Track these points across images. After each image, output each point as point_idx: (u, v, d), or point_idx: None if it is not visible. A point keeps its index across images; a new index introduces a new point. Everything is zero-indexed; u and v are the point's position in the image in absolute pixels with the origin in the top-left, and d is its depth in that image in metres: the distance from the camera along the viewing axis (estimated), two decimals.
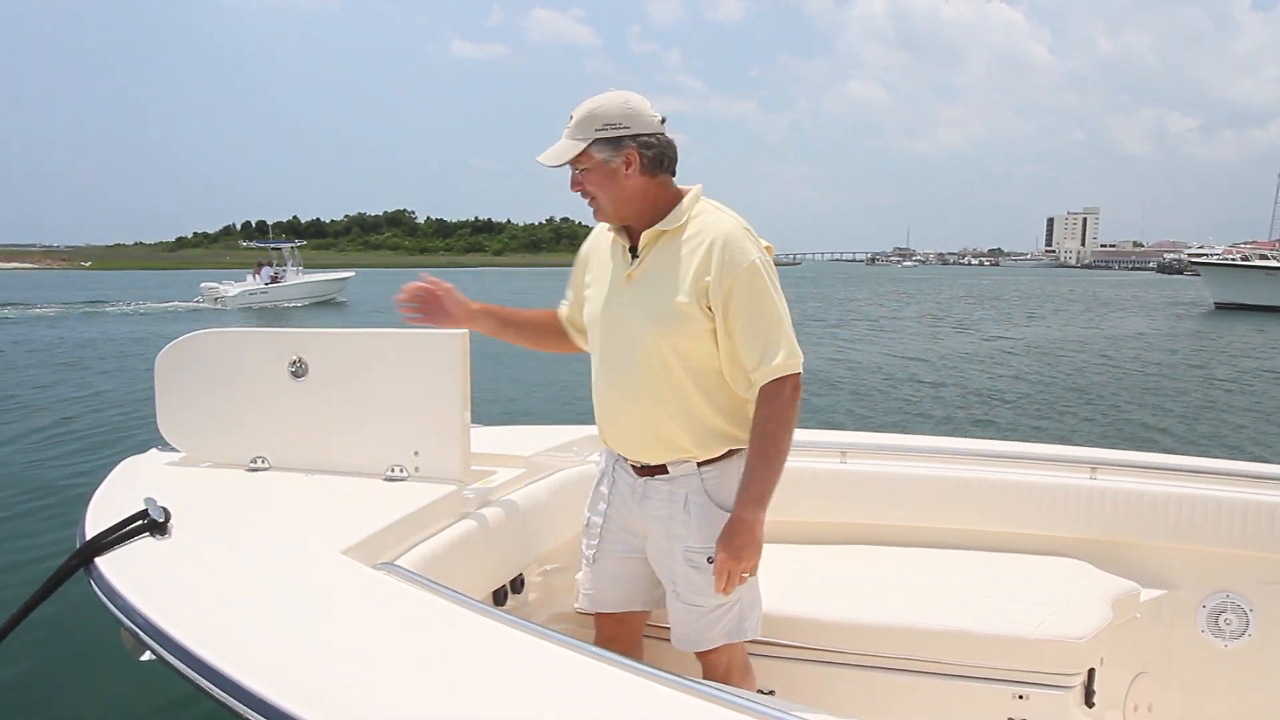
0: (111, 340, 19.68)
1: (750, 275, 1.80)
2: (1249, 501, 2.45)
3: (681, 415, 1.89)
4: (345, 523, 1.82)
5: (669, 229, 1.86)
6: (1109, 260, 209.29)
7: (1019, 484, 2.63)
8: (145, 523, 1.81)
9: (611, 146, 1.82)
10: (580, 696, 1.24)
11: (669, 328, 1.83)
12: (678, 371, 1.86)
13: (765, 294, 1.81)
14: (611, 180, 1.84)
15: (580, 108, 1.84)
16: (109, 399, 11.16)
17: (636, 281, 1.89)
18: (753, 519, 1.84)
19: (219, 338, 2.38)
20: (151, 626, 1.46)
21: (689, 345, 1.84)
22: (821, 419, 10.13)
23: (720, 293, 1.80)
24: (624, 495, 2.03)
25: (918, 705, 2.14)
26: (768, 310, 1.81)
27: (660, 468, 1.95)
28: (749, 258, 1.80)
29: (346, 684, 1.26)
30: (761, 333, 1.81)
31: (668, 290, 1.84)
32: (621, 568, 2.08)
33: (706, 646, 1.98)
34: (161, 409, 2.37)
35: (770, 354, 1.80)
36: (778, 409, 1.82)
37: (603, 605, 2.11)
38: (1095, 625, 2.12)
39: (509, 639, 1.38)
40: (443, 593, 1.54)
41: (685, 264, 1.83)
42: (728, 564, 1.85)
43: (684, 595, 1.96)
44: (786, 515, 2.78)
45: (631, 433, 1.96)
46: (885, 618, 2.18)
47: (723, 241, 1.81)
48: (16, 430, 9.02)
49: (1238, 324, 27.55)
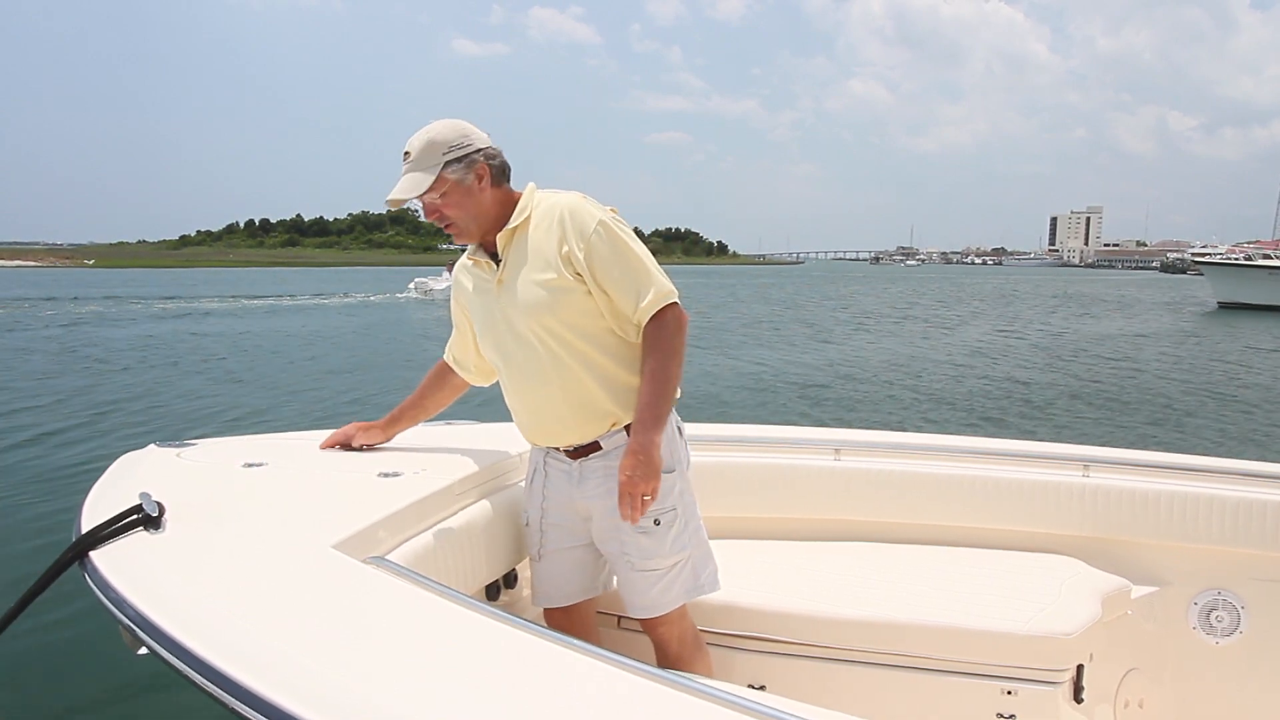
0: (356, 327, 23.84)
1: (602, 232, 1.92)
2: (1241, 499, 2.46)
3: (595, 383, 1.98)
4: (337, 517, 1.83)
5: (517, 224, 1.99)
6: (1112, 260, 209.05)
7: (1012, 481, 2.64)
8: (139, 517, 1.82)
9: (464, 166, 1.94)
10: (571, 692, 1.25)
11: (551, 306, 1.94)
12: (575, 343, 1.96)
13: (622, 244, 1.94)
14: (468, 197, 1.96)
15: (415, 141, 1.93)
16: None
17: (506, 282, 2.00)
18: (648, 442, 1.91)
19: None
20: (143, 619, 1.48)
21: (574, 316, 1.95)
22: (813, 419, 10.14)
23: (582, 255, 1.92)
24: (559, 485, 2.10)
25: (908, 700, 2.15)
26: (628, 258, 1.94)
27: (593, 445, 2.02)
28: (595, 218, 1.93)
29: (335, 678, 1.27)
30: (630, 279, 1.93)
31: (536, 274, 1.95)
32: (567, 559, 2.14)
33: (668, 608, 2.04)
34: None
35: (642, 294, 1.93)
36: (662, 340, 1.94)
37: (556, 599, 2.16)
38: (1084, 621, 2.13)
39: (498, 633, 1.39)
40: (432, 587, 1.55)
41: (543, 245, 1.96)
42: (627, 486, 1.91)
43: (637, 563, 2.02)
44: (781, 512, 2.80)
45: (555, 420, 2.03)
46: (876, 613, 2.19)
47: (569, 212, 1.94)
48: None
49: (1240, 323, 27.50)
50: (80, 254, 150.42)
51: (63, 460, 7.55)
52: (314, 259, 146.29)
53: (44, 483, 6.69)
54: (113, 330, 22.39)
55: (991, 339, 21.07)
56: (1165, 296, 48.06)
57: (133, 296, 39.62)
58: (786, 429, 3.04)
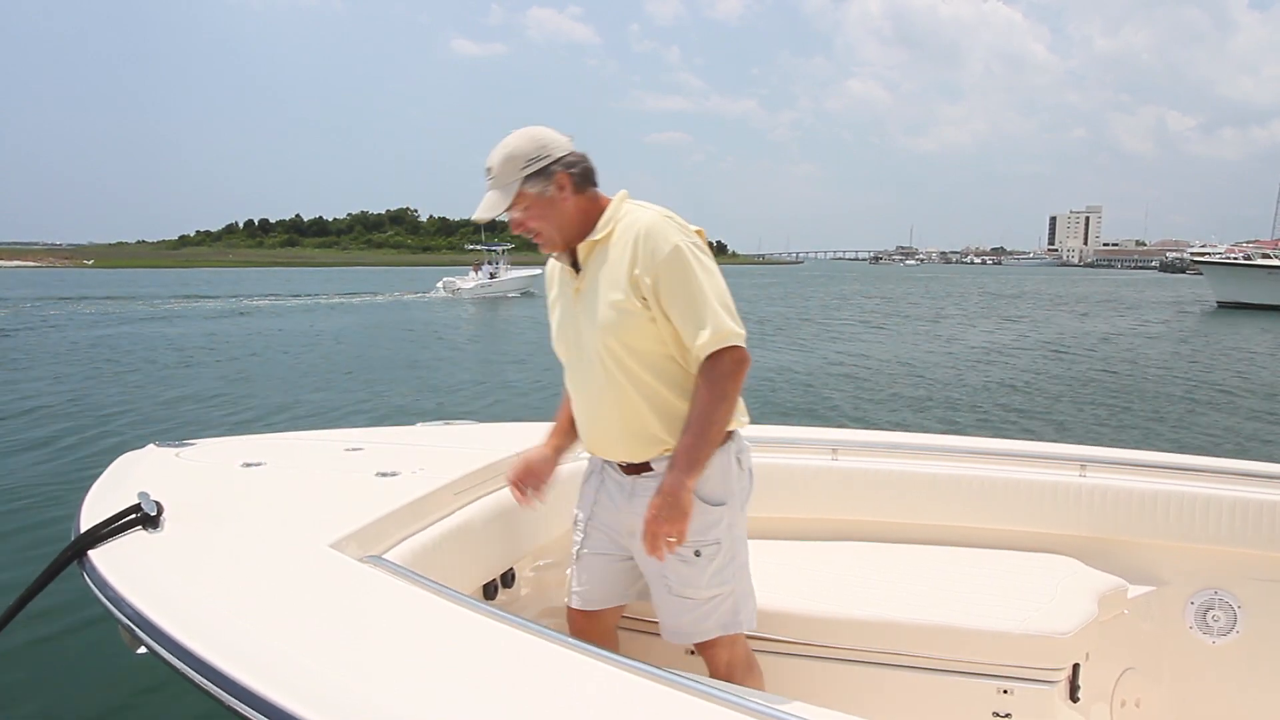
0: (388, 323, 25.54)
1: (673, 259, 1.86)
2: (1237, 499, 2.46)
3: (649, 409, 1.95)
4: (335, 516, 1.84)
5: (599, 237, 1.95)
6: (1112, 259, 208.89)
7: (1009, 481, 2.64)
8: (138, 516, 1.83)
9: (542, 178, 1.91)
10: (566, 691, 1.25)
11: (615, 327, 1.91)
12: (634, 367, 1.93)
13: (691, 275, 1.87)
14: (551, 209, 1.93)
15: (494, 157, 1.92)
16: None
17: (583, 293, 1.98)
18: (678, 485, 1.87)
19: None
20: (140, 617, 1.48)
21: (636, 339, 1.91)
22: (814, 417, 10.14)
23: (649, 281, 1.87)
24: (612, 494, 2.08)
25: (904, 699, 2.16)
26: (693, 290, 1.87)
27: (645, 465, 2.00)
28: (670, 243, 1.87)
29: (333, 676, 1.27)
30: (693, 313, 1.87)
31: (607, 292, 1.92)
32: (603, 565, 2.13)
33: (700, 639, 2.02)
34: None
35: (702, 331, 1.87)
36: (712, 381, 1.88)
37: (588, 602, 2.15)
38: (1080, 621, 2.13)
39: (494, 632, 1.39)
40: (429, 586, 1.55)
41: (617, 264, 1.91)
42: (651, 526, 1.88)
43: (674, 588, 1.99)
44: (778, 512, 2.80)
45: (609, 436, 2.01)
46: (873, 613, 2.19)
47: (645, 234, 1.89)
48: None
49: (1240, 323, 27.50)
50: (79, 254, 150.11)
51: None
52: (313, 259, 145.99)
53: (59, 481, 6.69)
54: (182, 325, 23.88)
55: (991, 339, 21.07)
56: (1164, 296, 48.06)
57: (186, 295, 41.10)
58: (783, 428, 3.04)
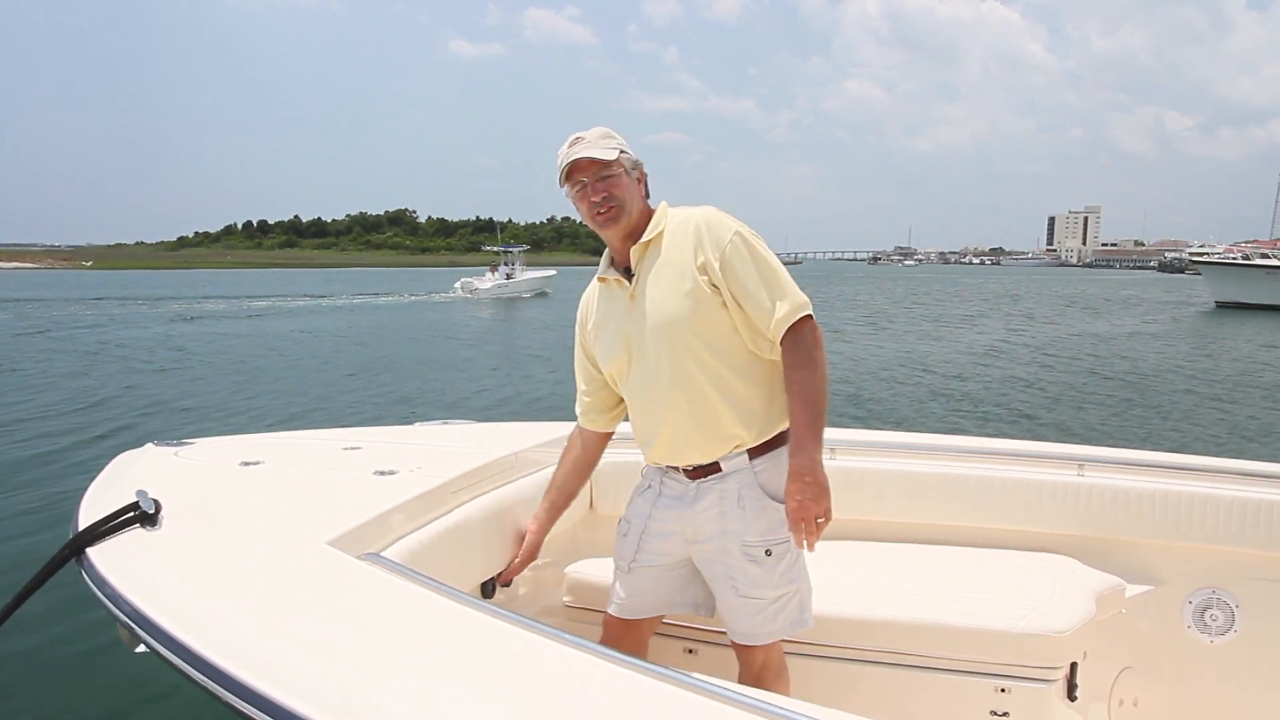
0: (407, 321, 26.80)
1: (738, 242, 1.91)
2: (1235, 498, 2.46)
3: (721, 400, 1.94)
4: (332, 514, 1.84)
5: (651, 237, 1.98)
6: (1110, 259, 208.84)
7: (1007, 480, 2.64)
8: (136, 514, 1.83)
9: (631, 161, 2.00)
10: (565, 689, 1.25)
11: (686, 318, 1.91)
12: (706, 357, 1.92)
13: (758, 255, 1.92)
14: (632, 190, 1.99)
15: (588, 132, 1.99)
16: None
17: (639, 297, 1.98)
18: (810, 461, 1.86)
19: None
20: (138, 615, 1.48)
21: (706, 326, 1.92)
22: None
23: (717, 265, 1.90)
24: (671, 504, 2.05)
25: (901, 698, 2.16)
26: (763, 269, 1.91)
27: (713, 466, 1.98)
28: (731, 229, 1.93)
29: (331, 673, 1.27)
30: (765, 290, 1.90)
31: (671, 284, 1.93)
32: (657, 576, 2.11)
33: (769, 639, 2.01)
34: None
35: (778, 306, 1.89)
36: (801, 355, 1.90)
37: (634, 612, 2.13)
38: (1078, 620, 2.14)
39: (491, 629, 1.39)
40: (426, 583, 1.55)
41: (678, 256, 1.94)
42: (799, 512, 1.86)
43: (743, 589, 1.97)
44: None
45: (679, 437, 1.98)
46: (871, 612, 2.19)
47: (706, 224, 1.94)
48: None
49: (1239, 323, 27.52)
50: (78, 255, 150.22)
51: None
52: (312, 260, 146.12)
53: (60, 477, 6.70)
54: (218, 325, 24.45)
55: (990, 339, 21.08)
56: (1163, 296, 48.08)
57: (212, 295, 41.87)
58: None
